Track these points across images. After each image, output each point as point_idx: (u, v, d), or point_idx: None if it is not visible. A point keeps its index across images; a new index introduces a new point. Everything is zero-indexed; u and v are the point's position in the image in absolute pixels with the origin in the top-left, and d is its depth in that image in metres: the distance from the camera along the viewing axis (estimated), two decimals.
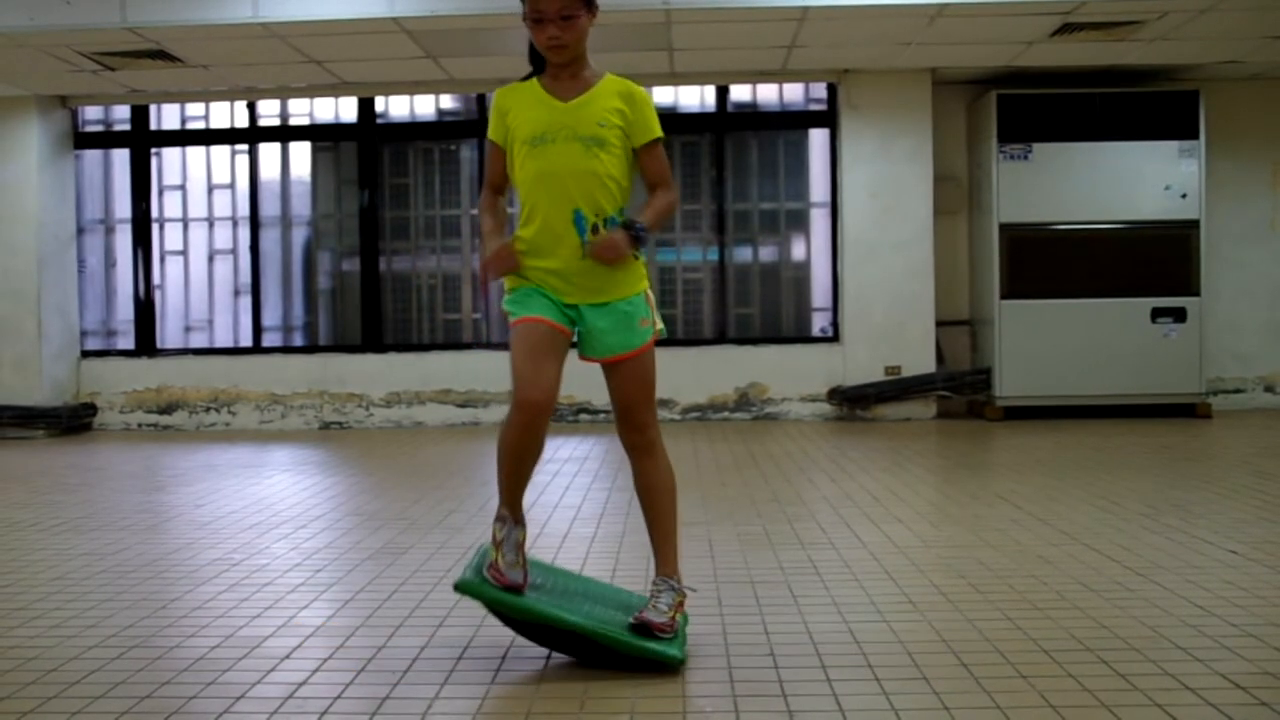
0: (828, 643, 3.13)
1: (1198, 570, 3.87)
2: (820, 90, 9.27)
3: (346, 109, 9.43)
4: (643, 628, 2.94)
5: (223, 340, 9.55)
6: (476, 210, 9.02)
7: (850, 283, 8.93)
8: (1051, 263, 8.63)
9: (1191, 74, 8.84)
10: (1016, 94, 8.62)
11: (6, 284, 9.00)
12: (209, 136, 9.51)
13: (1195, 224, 8.60)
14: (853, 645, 3.11)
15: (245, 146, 9.48)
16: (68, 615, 3.56)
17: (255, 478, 6.52)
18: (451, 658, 3.07)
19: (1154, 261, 8.61)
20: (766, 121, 9.39)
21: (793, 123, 9.39)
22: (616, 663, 2.93)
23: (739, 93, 9.34)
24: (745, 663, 2.98)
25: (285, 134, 9.55)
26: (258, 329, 9.46)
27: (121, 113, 9.51)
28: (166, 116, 9.56)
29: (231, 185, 9.53)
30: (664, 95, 9.22)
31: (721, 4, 6.96)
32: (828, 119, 9.21)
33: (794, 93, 9.39)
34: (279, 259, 9.59)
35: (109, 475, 6.86)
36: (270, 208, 9.55)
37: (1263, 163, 9.20)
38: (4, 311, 9.01)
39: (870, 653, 3.04)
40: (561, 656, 3.04)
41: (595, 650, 2.94)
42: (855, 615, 3.41)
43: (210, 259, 9.57)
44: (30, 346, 9.00)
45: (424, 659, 3.07)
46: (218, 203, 9.55)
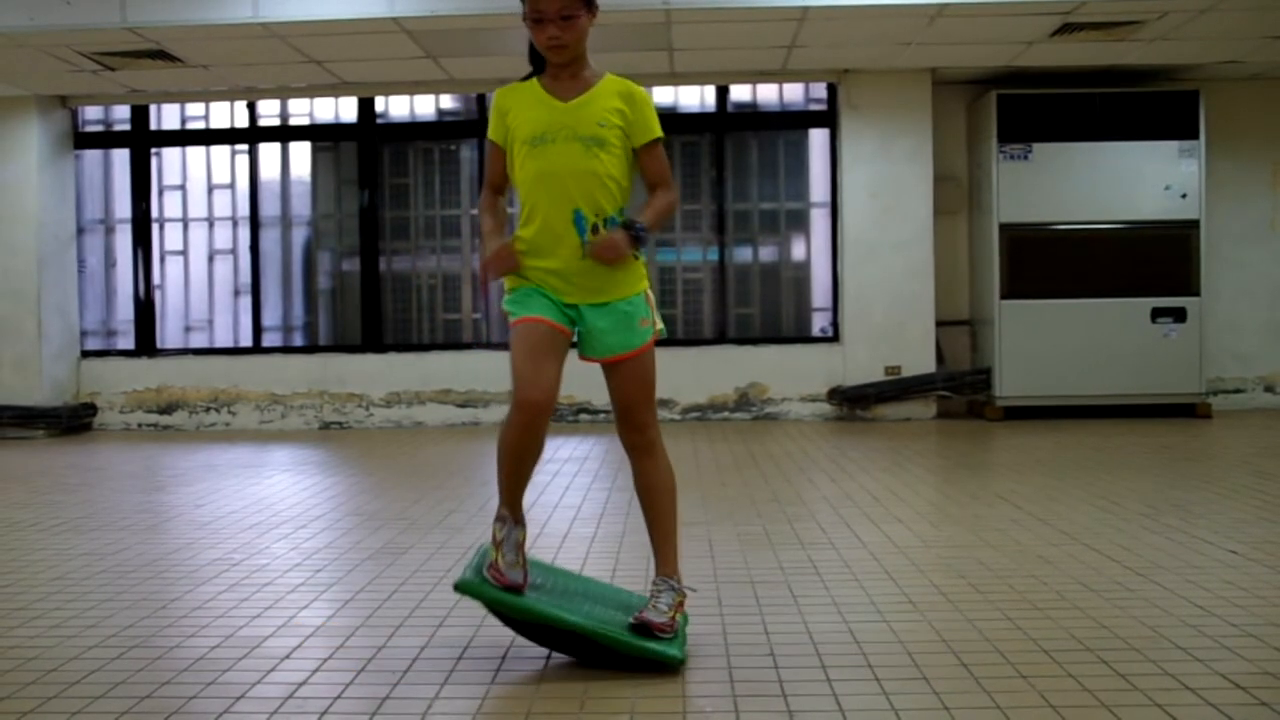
0: (828, 643, 3.13)
1: (1198, 570, 3.87)
2: (820, 90, 9.28)
3: (346, 109, 9.43)
4: (643, 628, 2.94)
5: (223, 340, 9.56)
6: (476, 210, 9.02)
7: (850, 283, 8.93)
8: (1051, 263, 8.63)
9: (1191, 74, 8.84)
10: (1016, 94, 8.62)
11: (6, 284, 9.00)
12: (209, 136, 9.51)
13: (1195, 224, 8.60)
14: (853, 645, 3.11)
15: (245, 146, 9.49)
16: (68, 615, 3.56)
17: (255, 478, 6.52)
18: (451, 658, 3.07)
19: (1154, 261, 8.61)
20: (766, 121, 9.39)
21: (793, 123, 9.40)
22: (616, 663, 2.93)
23: (739, 93, 9.34)
24: (745, 663, 2.98)
25: (285, 134, 9.55)
26: (258, 329, 9.46)
27: (121, 113, 9.51)
28: (166, 116, 9.57)
29: (231, 185, 9.54)
30: (664, 95, 9.22)
31: (721, 4, 6.96)
32: (828, 119, 9.21)
33: (794, 93, 9.39)
34: (279, 259, 9.59)
35: (109, 475, 6.86)
36: (270, 208, 9.55)
37: (1263, 163, 9.20)
38: (4, 311, 9.01)
39: (870, 653, 3.04)
40: (561, 656, 3.04)
41: (595, 650, 2.94)
42: (855, 615, 3.41)
43: (210, 259, 9.57)
44: (30, 346, 9.00)
45: (424, 659, 3.07)
46: (218, 203, 9.55)
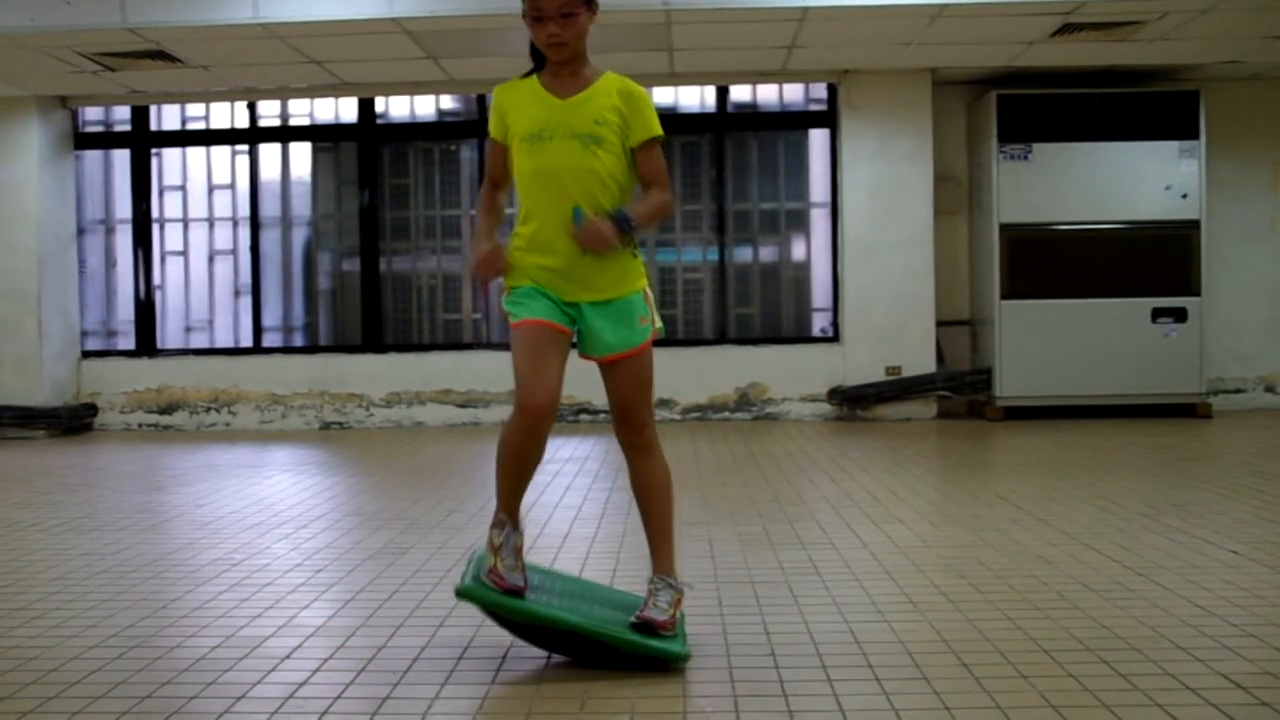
0: (828, 643, 3.13)
1: (1198, 570, 3.87)
2: (820, 90, 9.27)
3: (346, 109, 9.43)
4: (645, 626, 2.94)
5: (223, 340, 9.56)
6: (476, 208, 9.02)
7: (850, 283, 8.93)
8: (1052, 263, 8.63)
9: (1191, 74, 8.84)
10: (1016, 94, 8.62)
11: (7, 284, 9.00)
12: (209, 137, 9.51)
13: (1195, 224, 8.60)
14: (853, 645, 3.11)
15: (245, 147, 9.49)
16: (68, 615, 3.56)
17: (256, 478, 6.52)
18: (452, 658, 3.07)
19: (1154, 261, 8.61)
20: (766, 122, 9.39)
21: (793, 123, 9.40)
22: (616, 663, 2.93)
23: (739, 93, 9.34)
24: (745, 663, 2.98)
25: (285, 134, 9.55)
26: (258, 329, 9.46)
27: (122, 113, 9.51)
28: (167, 117, 9.56)
29: (232, 186, 9.54)
30: (664, 95, 9.22)
31: (721, 4, 6.96)
32: (828, 119, 9.21)
33: (794, 93, 9.39)
34: (279, 259, 9.59)
35: (109, 475, 6.86)
36: (270, 208, 9.55)
37: (1263, 163, 9.20)
38: (4, 312, 9.01)
39: (870, 653, 3.04)
40: (561, 657, 3.04)
41: (597, 651, 2.94)
42: (856, 615, 3.41)
43: (210, 259, 9.57)
44: (31, 347, 9.00)
45: (424, 659, 3.07)
46: (218, 203, 9.55)
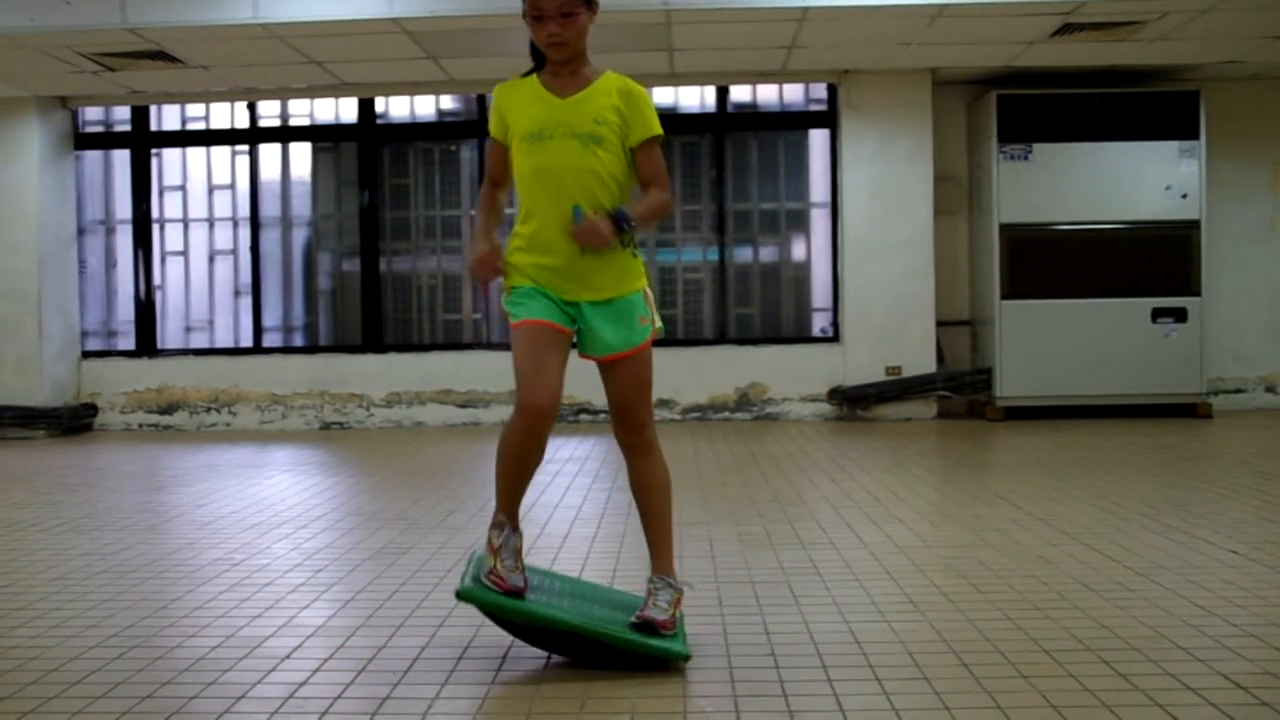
0: (828, 643, 3.13)
1: (1198, 570, 3.87)
2: (820, 90, 9.27)
3: (347, 109, 9.43)
4: (646, 626, 2.94)
5: (223, 341, 9.56)
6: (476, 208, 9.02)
7: (850, 283, 8.93)
8: (1052, 263, 8.62)
9: (1192, 74, 8.84)
10: (1016, 94, 8.62)
11: (7, 284, 9.00)
12: (209, 137, 9.51)
13: (1195, 224, 8.60)
14: (853, 645, 3.11)
15: (245, 147, 9.49)
16: (68, 615, 3.56)
17: (256, 478, 6.52)
18: (452, 658, 3.07)
19: (1154, 261, 8.61)
20: (766, 122, 9.38)
21: (793, 123, 9.40)
22: (617, 662, 2.93)
23: (739, 93, 9.34)
24: (746, 663, 2.98)
25: (285, 134, 9.55)
26: (258, 329, 9.46)
27: (122, 113, 9.51)
28: (167, 117, 9.57)
29: (232, 186, 9.54)
30: (664, 95, 9.22)
31: (721, 4, 6.96)
32: (828, 119, 9.21)
33: (794, 93, 9.39)
34: (279, 259, 9.59)
35: (109, 475, 6.86)
36: (270, 208, 9.55)
37: (1263, 163, 9.20)
38: (4, 312, 9.01)
39: (871, 653, 3.04)
40: (561, 657, 3.04)
41: (598, 651, 2.94)
42: (856, 615, 3.41)
43: (211, 259, 9.58)
44: (31, 347, 9.00)
45: (424, 659, 3.07)
46: (218, 203, 9.55)
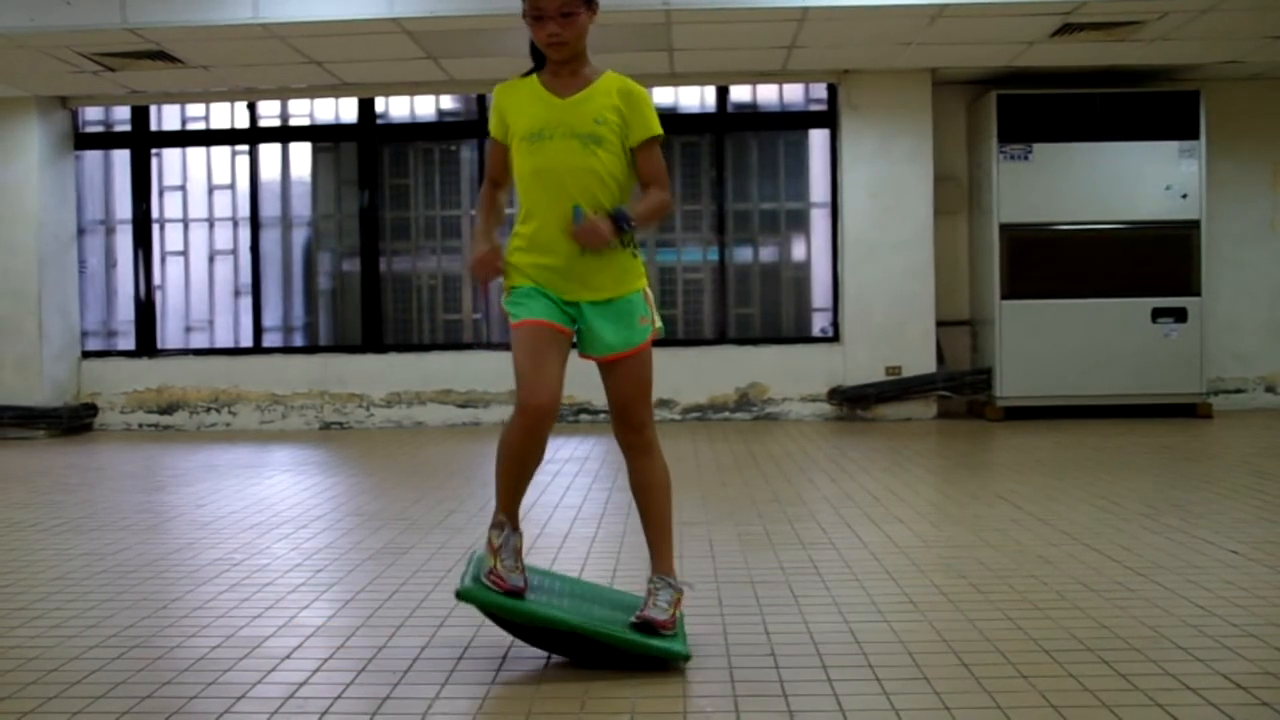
0: (828, 643, 3.13)
1: (1198, 570, 3.87)
2: (820, 90, 9.27)
3: (347, 109, 9.43)
4: (646, 626, 2.94)
5: (223, 340, 9.56)
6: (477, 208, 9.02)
7: (850, 283, 8.93)
8: (1052, 263, 8.62)
9: (1192, 74, 8.84)
10: (1016, 94, 8.62)
11: (7, 284, 9.00)
12: (209, 137, 9.51)
13: (1195, 224, 8.60)
14: (853, 645, 3.11)
15: (245, 147, 9.49)
16: (68, 615, 3.56)
17: (256, 478, 6.52)
18: (452, 658, 3.07)
19: (1154, 261, 8.61)
20: (766, 122, 9.38)
21: (793, 123, 9.40)
22: (617, 662, 2.93)
23: (739, 93, 9.33)
24: (746, 663, 2.98)
25: (285, 134, 9.55)
26: (258, 329, 9.46)
27: (122, 113, 9.51)
28: (167, 117, 9.57)
29: (232, 186, 9.54)
30: (664, 95, 9.22)
31: (721, 4, 6.96)
32: (828, 119, 9.21)
33: (794, 93, 9.39)
34: (279, 259, 9.59)
35: (109, 475, 6.86)
36: (270, 208, 9.55)
37: (1263, 163, 9.20)
38: (4, 312, 9.01)
39: (871, 653, 3.04)
40: (561, 657, 3.04)
41: (598, 651, 2.94)
42: (856, 615, 3.41)
43: (211, 259, 9.58)
44: (31, 347, 9.00)
45: (424, 659, 3.07)
46: (218, 203, 9.55)
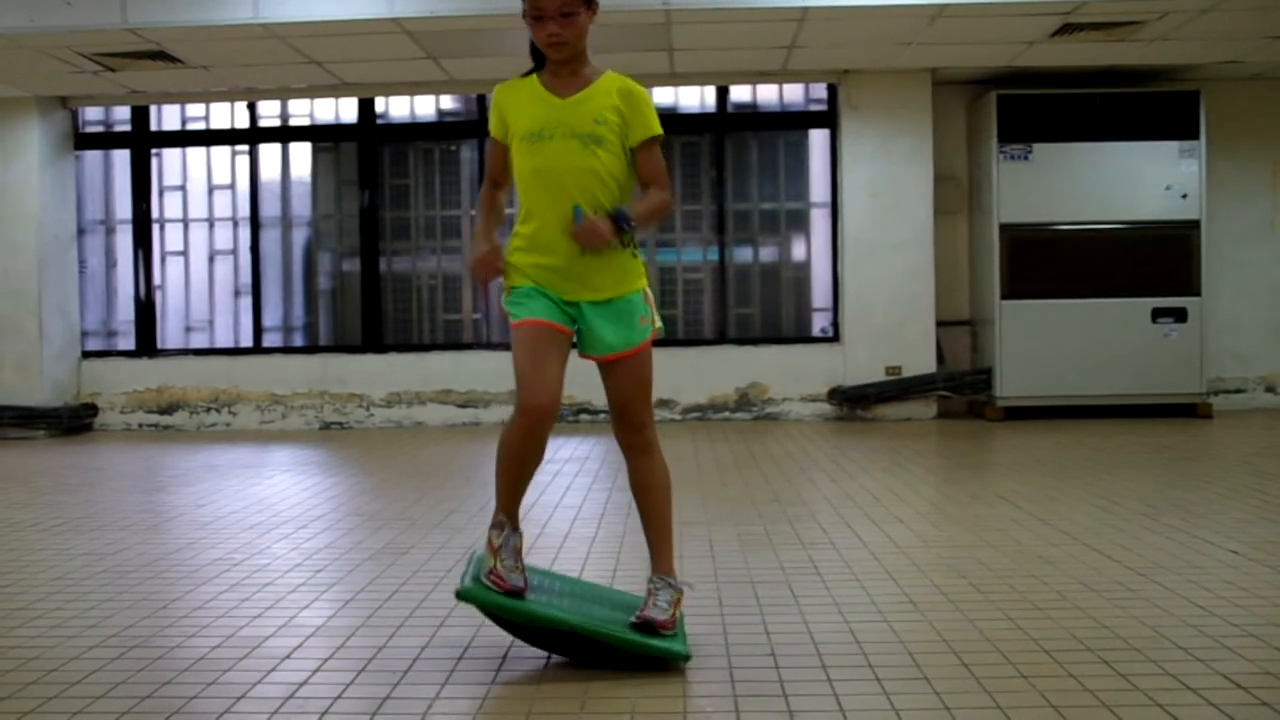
0: (828, 643, 3.13)
1: (1199, 570, 3.87)
2: (820, 91, 9.27)
3: (347, 109, 9.43)
4: (646, 626, 2.94)
5: (223, 341, 9.56)
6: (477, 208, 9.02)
7: (850, 283, 8.93)
8: (1052, 263, 8.62)
9: (1192, 74, 8.84)
10: (1016, 94, 8.62)
11: (7, 284, 9.00)
12: (209, 137, 9.51)
13: (1195, 224, 8.60)
14: (853, 645, 3.11)
15: (245, 147, 9.49)
16: (68, 615, 3.55)
17: (256, 478, 6.52)
18: (452, 658, 3.07)
19: (1154, 261, 8.61)
20: (766, 122, 9.38)
21: (793, 123, 9.40)
22: (617, 662, 2.93)
23: (739, 93, 9.33)
24: (746, 663, 2.98)
25: (285, 134, 9.55)
26: (258, 329, 9.46)
27: (122, 113, 9.51)
28: (167, 117, 9.57)
29: (232, 186, 9.54)
30: (664, 95, 9.22)
31: (721, 4, 6.96)
32: (828, 119, 9.21)
33: (794, 93, 9.39)
34: (279, 259, 9.59)
35: (109, 475, 6.86)
36: (270, 208, 9.55)
37: (1263, 163, 9.20)
38: (5, 312, 9.01)
39: (871, 653, 3.04)
40: (561, 657, 3.04)
41: (598, 651, 2.94)
42: (856, 615, 3.41)
43: (211, 259, 9.58)
44: (31, 347, 9.00)
45: (424, 659, 3.07)
46: (218, 203, 9.55)
